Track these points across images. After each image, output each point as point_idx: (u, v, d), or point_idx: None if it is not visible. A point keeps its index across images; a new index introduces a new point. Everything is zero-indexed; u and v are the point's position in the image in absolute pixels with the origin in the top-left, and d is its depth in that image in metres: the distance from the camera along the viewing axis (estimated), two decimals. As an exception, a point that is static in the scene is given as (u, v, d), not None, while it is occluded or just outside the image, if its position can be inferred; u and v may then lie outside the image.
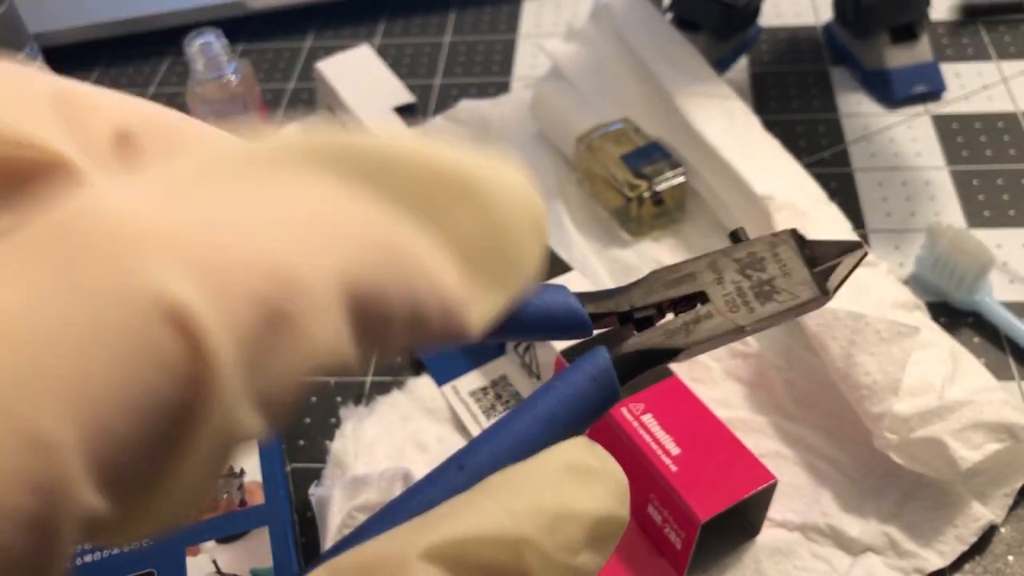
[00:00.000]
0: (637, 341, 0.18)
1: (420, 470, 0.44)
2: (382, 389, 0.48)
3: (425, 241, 0.15)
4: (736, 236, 0.21)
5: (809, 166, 0.52)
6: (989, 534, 0.40)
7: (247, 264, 0.12)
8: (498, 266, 0.16)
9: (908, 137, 0.59)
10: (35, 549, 0.10)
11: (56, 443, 0.10)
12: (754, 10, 0.62)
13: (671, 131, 0.54)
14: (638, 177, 0.52)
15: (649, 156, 0.53)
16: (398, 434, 0.46)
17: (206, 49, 0.57)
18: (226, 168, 0.13)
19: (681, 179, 0.52)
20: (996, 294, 0.48)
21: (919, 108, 0.61)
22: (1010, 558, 0.39)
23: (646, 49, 0.56)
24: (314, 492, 0.42)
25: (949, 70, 0.63)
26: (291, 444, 0.47)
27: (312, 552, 0.42)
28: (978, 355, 0.46)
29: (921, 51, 0.62)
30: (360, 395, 0.49)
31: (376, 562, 0.14)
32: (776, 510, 0.41)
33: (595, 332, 0.19)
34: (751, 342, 0.47)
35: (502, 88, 0.67)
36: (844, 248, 0.20)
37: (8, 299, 0.10)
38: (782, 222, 0.47)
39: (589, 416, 0.18)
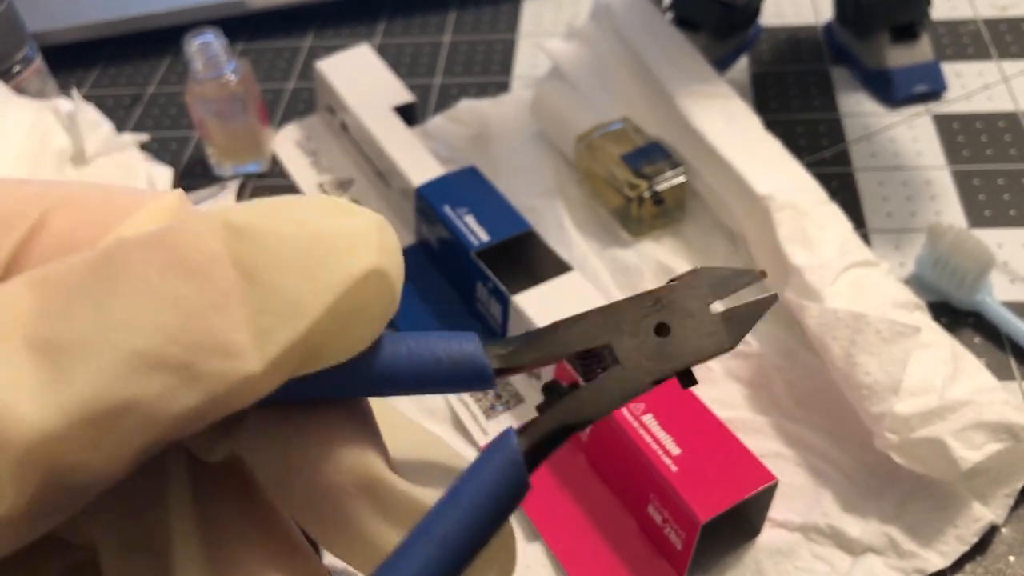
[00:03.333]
0: (550, 418, 0.18)
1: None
2: (382, 389, 0.48)
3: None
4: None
5: (810, 166, 0.52)
6: (990, 534, 0.40)
7: None
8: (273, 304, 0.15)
9: (909, 137, 0.59)
10: None
11: None
12: (754, 10, 0.62)
13: (671, 131, 0.54)
14: (638, 177, 0.52)
15: (649, 156, 0.52)
16: (398, 434, 0.46)
17: (205, 48, 0.57)
18: None
19: (681, 179, 0.52)
20: (997, 294, 0.48)
21: (920, 108, 0.61)
22: (1011, 558, 0.39)
23: (646, 49, 0.56)
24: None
25: (950, 69, 0.63)
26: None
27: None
28: (979, 355, 0.46)
29: (922, 50, 0.62)
30: (360, 395, 0.48)
31: None
32: (777, 510, 0.41)
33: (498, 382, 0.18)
34: (751, 342, 0.47)
35: (502, 88, 0.67)
36: (747, 280, 0.20)
37: None
38: (783, 222, 0.47)
39: (497, 518, 0.17)
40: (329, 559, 0.43)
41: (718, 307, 0.19)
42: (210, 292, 0.14)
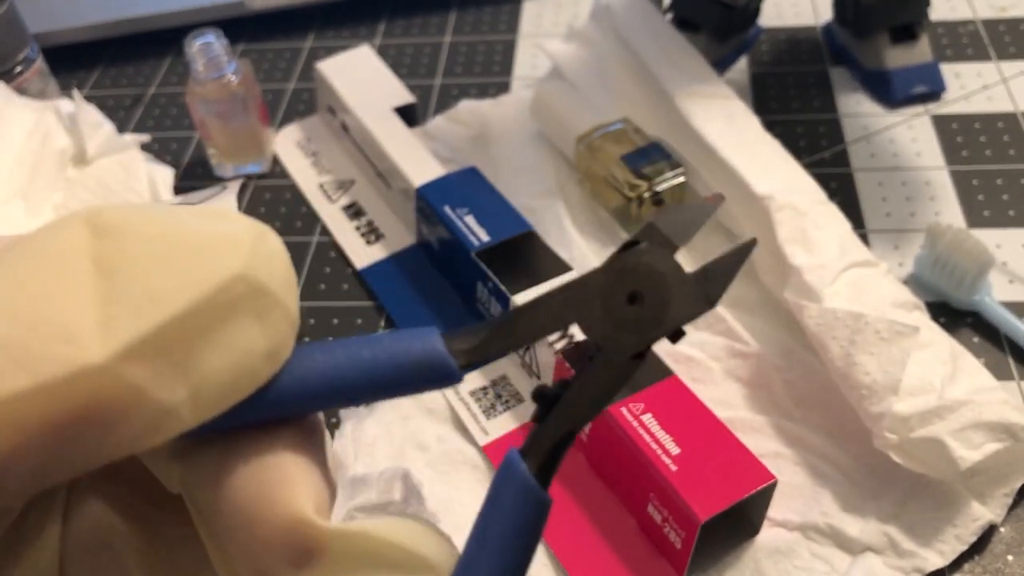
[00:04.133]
0: (551, 430, 0.17)
1: (420, 470, 0.44)
2: (382, 389, 0.48)
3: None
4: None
5: (809, 166, 0.52)
6: (989, 534, 0.40)
7: None
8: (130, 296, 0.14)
9: (908, 137, 0.59)
10: None
11: None
12: (754, 10, 0.62)
13: (671, 131, 0.54)
14: (638, 177, 0.52)
15: (649, 156, 0.53)
16: (398, 434, 0.46)
17: (206, 49, 0.57)
18: None
19: (681, 179, 0.52)
20: (996, 294, 0.48)
21: (919, 108, 0.61)
22: (1009, 558, 0.40)
23: (646, 49, 0.56)
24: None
25: (949, 70, 0.64)
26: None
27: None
28: (978, 355, 0.46)
29: (921, 51, 0.62)
30: (360, 395, 0.49)
31: None
32: (776, 510, 0.41)
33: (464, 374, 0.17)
34: (750, 342, 0.47)
35: (502, 88, 0.68)
36: (706, 213, 0.18)
37: None
38: (782, 222, 0.47)
39: (529, 548, 0.17)
40: None
41: (694, 254, 0.18)
42: (61, 283, 0.14)
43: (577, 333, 0.19)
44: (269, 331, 0.15)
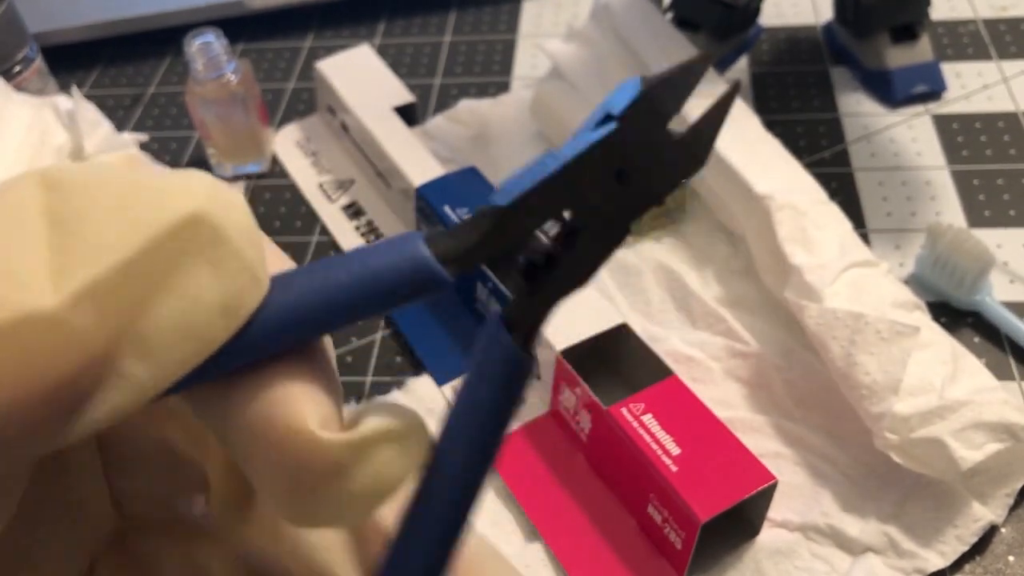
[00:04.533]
0: (538, 304, 0.17)
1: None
2: (382, 389, 0.48)
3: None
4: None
5: (809, 166, 0.52)
6: (989, 534, 0.40)
7: None
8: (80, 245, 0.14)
9: (908, 137, 0.59)
10: None
11: None
12: (754, 10, 0.62)
13: (671, 131, 0.54)
14: (638, 177, 0.52)
15: (649, 156, 0.52)
16: (398, 434, 0.46)
17: (206, 49, 0.57)
18: None
19: (681, 179, 0.52)
20: (996, 294, 0.48)
21: (919, 108, 0.61)
22: (1010, 558, 0.39)
23: (646, 49, 0.56)
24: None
25: (949, 70, 0.63)
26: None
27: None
28: (978, 355, 0.46)
29: (921, 51, 0.62)
30: (360, 395, 0.49)
31: None
32: (776, 510, 0.41)
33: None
34: (750, 342, 0.47)
35: (502, 88, 0.67)
36: (697, 72, 0.17)
37: None
38: (782, 222, 0.47)
39: (516, 402, 0.18)
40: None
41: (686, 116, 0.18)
42: (10, 235, 0.14)
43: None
44: (225, 283, 0.15)
